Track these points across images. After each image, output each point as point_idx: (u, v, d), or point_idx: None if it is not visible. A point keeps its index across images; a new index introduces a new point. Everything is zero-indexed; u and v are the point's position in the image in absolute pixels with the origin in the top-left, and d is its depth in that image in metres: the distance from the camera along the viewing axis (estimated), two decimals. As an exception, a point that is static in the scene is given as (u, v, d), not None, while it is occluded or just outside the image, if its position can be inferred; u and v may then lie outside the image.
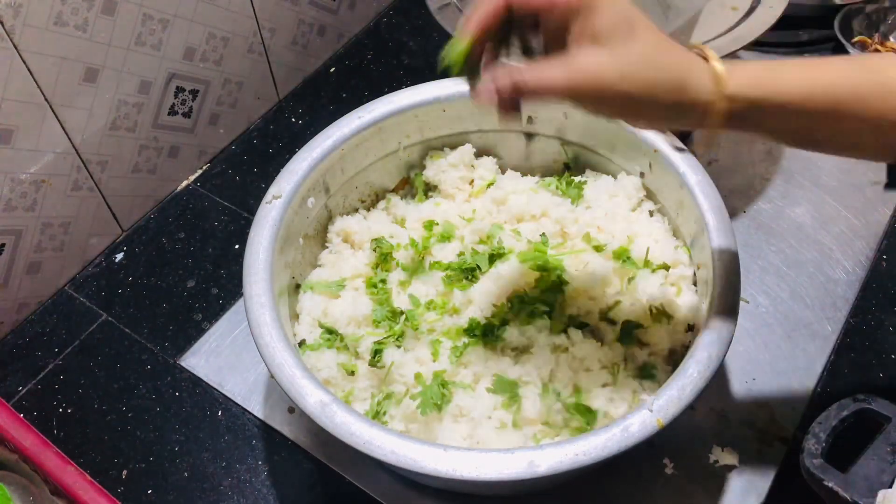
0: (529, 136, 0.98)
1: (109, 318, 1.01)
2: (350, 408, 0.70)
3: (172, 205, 1.13)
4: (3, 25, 0.84)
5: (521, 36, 0.66)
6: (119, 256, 1.07)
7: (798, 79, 0.61)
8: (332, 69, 1.31)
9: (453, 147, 0.98)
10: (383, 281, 0.87)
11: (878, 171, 1.09)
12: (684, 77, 0.59)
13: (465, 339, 0.81)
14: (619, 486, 0.83)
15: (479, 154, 0.98)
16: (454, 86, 0.93)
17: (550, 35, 0.62)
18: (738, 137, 1.14)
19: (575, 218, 0.90)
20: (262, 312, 0.77)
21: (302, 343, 0.84)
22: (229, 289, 1.03)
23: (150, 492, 0.86)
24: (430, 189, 0.99)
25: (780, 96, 0.60)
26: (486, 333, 0.81)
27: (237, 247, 1.07)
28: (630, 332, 0.82)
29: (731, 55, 0.96)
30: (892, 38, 1.23)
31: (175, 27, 1.03)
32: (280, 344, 0.74)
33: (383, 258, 0.90)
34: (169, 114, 1.09)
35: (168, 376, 0.95)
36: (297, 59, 1.26)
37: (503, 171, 0.98)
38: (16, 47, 0.86)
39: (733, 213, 1.05)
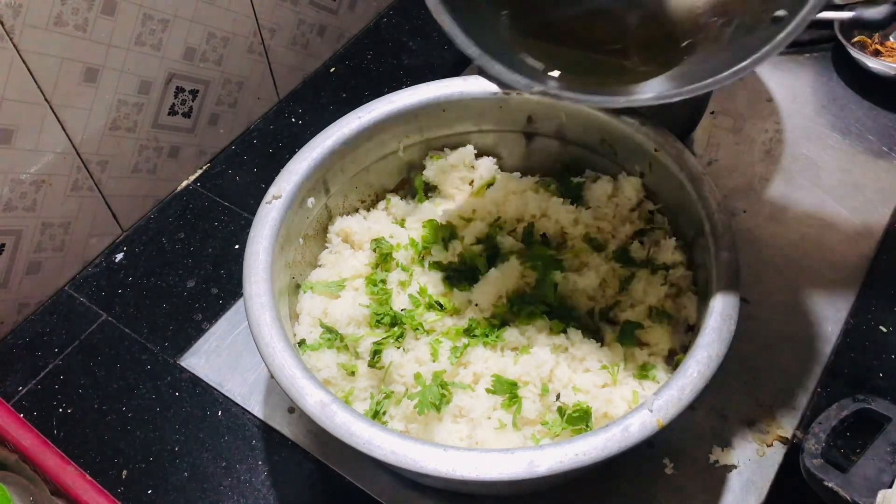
0: (529, 136, 0.98)
1: (109, 318, 1.01)
2: (350, 408, 0.70)
3: (172, 205, 1.13)
4: (3, 25, 0.84)
5: None
6: (119, 256, 1.07)
7: None
8: (332, 69, 1.31)
9: (453, 147, 0.97)
10: (383, 281, 0.87)
11: (878, 171, 1.09)
12: None
13: (465, 340, 0.81)
14: (619, 486, 0.83)
15: (479, 154, 0.98)
16: (454, 86, 0.93)
17: None
18: (738, 137, 1.14)
19: (575, 218, 0.90)
20: (262, 312, 0.77)
21: (302, 343, 0.84)
22: (229, 289, 1.03)
23: (150, 492, 0.86)
24: (430, 189, 0.99)
25: None
26: (486, 333, 0.81)
27: (237, 247, 1.07)
28: (630, 332, 0.82)
29: (731, 55, 0.96)
30: (892, 38, 1.23)
31: (175, 27, 1.03)
32: (280, 344, 0.74)
33: (383, 258, 0.90)
34: (169, 114, 1.09)
35: (168, 376, 0.95)
36: (297, 59, 1.26)
37: (503, 171, 0.98)
38: (16, 47, 0.86)
39: (733, 213, 1.05)
